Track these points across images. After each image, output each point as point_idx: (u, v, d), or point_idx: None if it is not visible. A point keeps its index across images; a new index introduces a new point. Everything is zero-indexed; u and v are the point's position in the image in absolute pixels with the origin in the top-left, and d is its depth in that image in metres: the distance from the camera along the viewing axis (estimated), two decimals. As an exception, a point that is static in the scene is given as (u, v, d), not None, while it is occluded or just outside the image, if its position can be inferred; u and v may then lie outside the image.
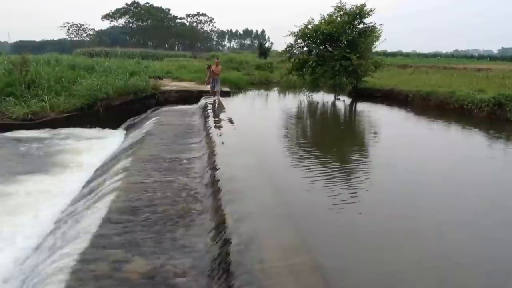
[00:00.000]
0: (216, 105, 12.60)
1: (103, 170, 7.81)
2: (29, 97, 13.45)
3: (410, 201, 5.58)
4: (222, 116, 10.73)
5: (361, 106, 16.64)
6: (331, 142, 9.97)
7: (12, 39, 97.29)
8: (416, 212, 5.20)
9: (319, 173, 6.76)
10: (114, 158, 8.49)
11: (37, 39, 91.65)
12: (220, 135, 8.13)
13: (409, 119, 13.77)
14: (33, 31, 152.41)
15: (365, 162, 7.86)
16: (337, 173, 6.83)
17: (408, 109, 15.03)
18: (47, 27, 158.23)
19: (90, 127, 12.85)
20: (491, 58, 58.60)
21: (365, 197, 5.71)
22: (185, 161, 7.00)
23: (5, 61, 16.31)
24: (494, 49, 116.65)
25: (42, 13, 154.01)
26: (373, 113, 14.78)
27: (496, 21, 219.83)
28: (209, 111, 11.41)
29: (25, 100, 13.28)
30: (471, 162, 7.97)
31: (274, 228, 3.99)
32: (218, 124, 9.44)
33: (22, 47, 59.69)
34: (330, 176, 6.61)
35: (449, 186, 6.31)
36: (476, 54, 76.76)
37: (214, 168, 5.94)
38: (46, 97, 13.38)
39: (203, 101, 13.93)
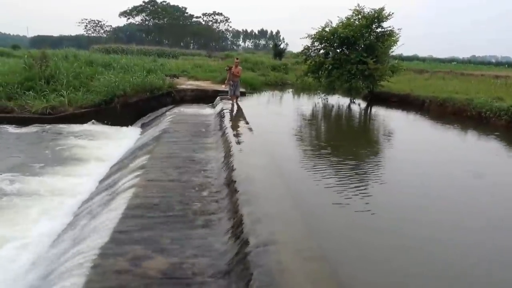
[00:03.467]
0: (235, 111, 11.78)
1: (119, 166, 7.92)
2: (48, 92, 13.67)
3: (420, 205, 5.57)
4: (241, 128, 9.61)
5: (376, 111, 16.53)
6: (345, 144, 9.94)
7: (31, 33, 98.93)
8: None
9: (333, 174, 6.77)
10: (131, 155, 8.59)
11: (55, 34, 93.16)
12: (238, 143, 8.18)
13: (426, 125, 13.65)
14: (51, 26, 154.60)
15: (380, 166, 7.82)
16: (351, 175, 6.85)
17: (425, 115, 14.89)
18: (65, 23, 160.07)
19: (107, 123, 13.01)
20: (510, 65, 57.54)
21: (379, 200, 5.72)
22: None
23: (25, 56, 16.59)
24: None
25: (60, 9, 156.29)
26: (389, 118, 14.69)
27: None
28: (226, 115, 11.21)
29: (44, 94, 13.51)
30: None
31: (288, 228, 4.02)
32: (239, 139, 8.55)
33: (40, 41, 60.73)
34: (343, 177, 6.62)
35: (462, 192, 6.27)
36: (493, 61, 75.46)
37: (230, 168, 5.97)
38: (64, 92, 13.60)
39: (220, 105, 13.13)
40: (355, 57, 16.89)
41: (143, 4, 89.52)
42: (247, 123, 9.98)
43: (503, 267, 4.11)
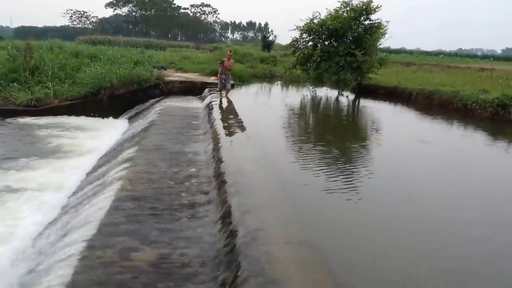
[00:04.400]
0: (224, 103, 11.53)
1: (107, 158, 7.84)
2: (33, 84, 13.44)
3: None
4: (230, 120, 9.59)
5: (364, 103, 16.63)
6: (333, 136, 9.99)
7: (14, 24, 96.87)
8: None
9: (320, 165, 6.83)
10: (118, 147, 8.52)
11: (39, 25, 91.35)
12: (226, 135, 8.16)
13: (412, 117, 13.80)
14: (35, 16, 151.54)
15: (365, 158, 7.89)
16: (338, 164, 6.92)
17: (412, 107, 15.05)
18: (50, 13, 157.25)
19: (94, 116, 12.86)
20: (495, 58, 58.32)
21: (366, 188, 5.81)
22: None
23: (9, 47, 16.23)
24: (498, 49, 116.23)
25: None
26: (376, 110, 14.79)
27: (500, 21, 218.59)
28: (215, 107, 11.24)
29: (29, 86, 13.28)
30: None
31: (277, 218, 4.04)
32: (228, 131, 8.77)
33: (24, 32, 59.45)
34: (330, 167, 6.68)
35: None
36: (479, 54, 76.33)
37: (219, 160, 5.96)
38: (50, 84, 13.38)
39: (208, 97, 12.90)
40: (343, 49, 16.91)
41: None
42: (236, 115, 9.95)
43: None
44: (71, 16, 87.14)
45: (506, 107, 12.21)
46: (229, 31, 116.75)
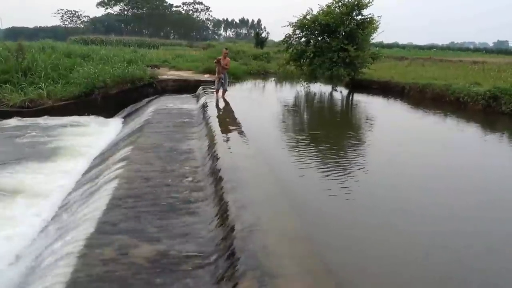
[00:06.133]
0: (219, 102, 11.36)
1: (102, 158, 7.86)
2: (26, 85, 13.40)
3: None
4: (225, 117, 9.73)
5: (358, 98, 16.70)
6: (326, 131, 10.06)
7: (4, 25, 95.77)
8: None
9: (314, 160, 6.90)
10: (114, 146, 8.53)
11: (30, 25, 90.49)
12: (222, 132, 8.18)
13: (405, 111, 13.89)
14: (26, 17, 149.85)
15: (360, 155, 7.96)
16: (333, 159, 7.00)
17: (405, 101, 15.14)
18: (40, 14, 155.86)
19: (88, 115, 12.83)
20: (487, 51, 58.68)
21: (358, 184, 5.88)
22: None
23: (0, 48, 16.13)
24: (490, 41, 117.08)
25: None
26: (369, 105, 14.87)
27: (492, 13, 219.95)
28: (210, 105, 11.27)
29: (22, 87, 13.23)
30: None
31: (273, 213, 4.10)
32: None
33: (15, 33, 58.99)
34: (325, 161, 6.74)
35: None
36: (471, 47, 76.70)
37: (215, 157, 6.00)
38: (43, 84, 13.35)
39: (203, 95, 12.85)
40: (336, 44, 16.94)
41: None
42: (230, 112, 9.99)
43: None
44: (62, 16, 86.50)
45: (497, 99, 12.33)
46: (222, 28, 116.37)
